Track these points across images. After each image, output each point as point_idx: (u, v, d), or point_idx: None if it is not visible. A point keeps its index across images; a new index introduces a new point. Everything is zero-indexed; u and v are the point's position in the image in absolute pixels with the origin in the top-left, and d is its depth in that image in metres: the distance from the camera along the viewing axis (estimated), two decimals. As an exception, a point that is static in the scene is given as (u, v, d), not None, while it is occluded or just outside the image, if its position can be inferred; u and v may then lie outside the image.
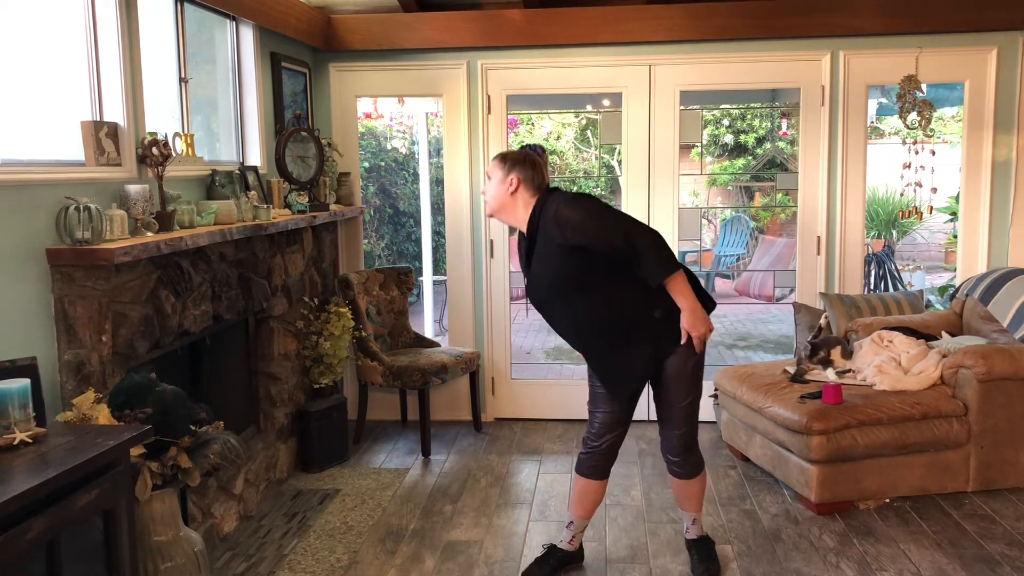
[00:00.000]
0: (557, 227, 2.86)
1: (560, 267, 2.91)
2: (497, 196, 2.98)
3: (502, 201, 2.98)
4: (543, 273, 2.97)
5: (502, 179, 2.97)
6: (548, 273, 2.95)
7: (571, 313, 2.99)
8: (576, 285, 2.92)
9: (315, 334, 4.49)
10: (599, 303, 2.95)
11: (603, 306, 2.95)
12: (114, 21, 3.10)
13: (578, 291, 2.94)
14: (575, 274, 2.90)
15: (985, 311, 4.35)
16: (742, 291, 9.40)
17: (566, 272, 2.91)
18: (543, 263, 2.95)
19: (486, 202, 3.05)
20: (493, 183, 2.99)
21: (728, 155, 11.54)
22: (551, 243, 2.90)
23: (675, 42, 4.88)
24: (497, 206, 3.00)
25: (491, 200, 3.01)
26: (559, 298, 2.98)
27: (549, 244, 2.91)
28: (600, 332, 2.99)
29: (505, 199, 2.98)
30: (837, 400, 3.77)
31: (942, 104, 6.59)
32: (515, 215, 2.99)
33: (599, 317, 2.97)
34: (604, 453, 3.18)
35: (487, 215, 3.02)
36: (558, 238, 2.87)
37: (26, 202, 2.62)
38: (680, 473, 3.17)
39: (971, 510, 3.74)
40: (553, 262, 2.92)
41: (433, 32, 4.93)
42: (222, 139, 4.19)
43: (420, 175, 7.42)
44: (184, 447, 2.61)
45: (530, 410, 5.23)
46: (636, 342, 2.98)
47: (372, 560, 3.41)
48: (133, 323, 2.97)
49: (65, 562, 2.00)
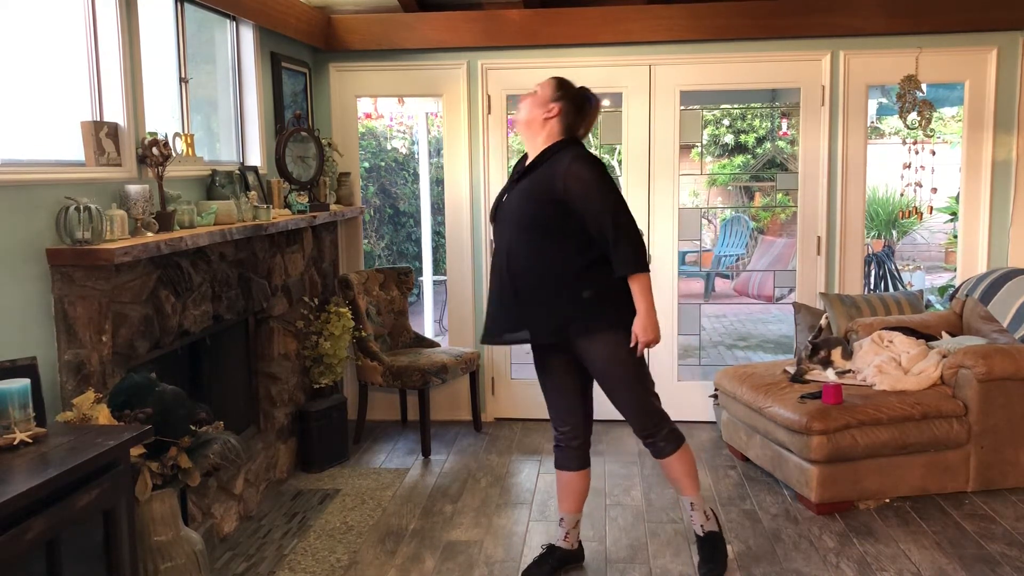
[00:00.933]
0: (562, 177, 2.90)
1: (536, 208, 2.95)
2: (532, 114, 3.00)
3: (534, 121, 3.01)
4: (518, 204, 3.00)
5: (546, 101, 3.00)
6: (523, 206, 2.98)
7: (520, 249, 3.00)
8: (537, 228, 2.96)
9: (315, 334, 4.49)
10: (547, 252, 2.96)
11: (548, 256, 2.96)
12: (114, 21, 3.10)
13: (536, 233, 2.96)
14: (543, 220, 2.94)
15: (985, 311, 4.35)
16: (742, 291, 9.39)
17: (539, 214, 2.94)
18: (524, 196, 2.99)
19: (518, 111, 3.03)
20: (536, 100, 3.00)
21: (728, 155, 11.54)
22: (542, 185, 2.94)
23: (675, 42, 4.88)
24: (526, 121, 3.02)
25: (524, 115, 3.01)
26: (516, 230, 3.00)
27: (540, 185, 2.95)
28: (531, 276, 2.98)
29: (537, 121, 3.01)
30: (837, 400, 3.77)
31: (942, 104, 6.59)
32: (534, 140, 3.02)
33: (539, 263, 2.97)
34: (570, 441, 3.19)
35: (512, 125, 3.02)
36: (557, 186, 2.90)
37: (26, 202, 2.62)
38: (654, 452, 3.17)
39: (971, 510, 3.74)
40: (533, 201, 2.96)
41: (433, 32, 4.93)
42: (222, 139, 4.19)
43: (420, 175, 7.42)
44: (184, 447, 2.61)
45: (530, 410, 5.23)
46: (557, 303, 2.98)
47: (372, 560, 3.41)
48: (133, 323, 2.97)
49: (65, 562, 2.00)
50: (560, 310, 2.99)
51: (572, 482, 3.24)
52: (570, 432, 3.19)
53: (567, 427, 3.19)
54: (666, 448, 3.14)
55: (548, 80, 3.06)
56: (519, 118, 3.06)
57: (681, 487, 3.21)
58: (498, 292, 3.08)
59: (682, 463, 3.16)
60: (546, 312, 3.00)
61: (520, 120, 3.05)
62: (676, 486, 3.24)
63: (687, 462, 3.16)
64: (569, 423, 3.19)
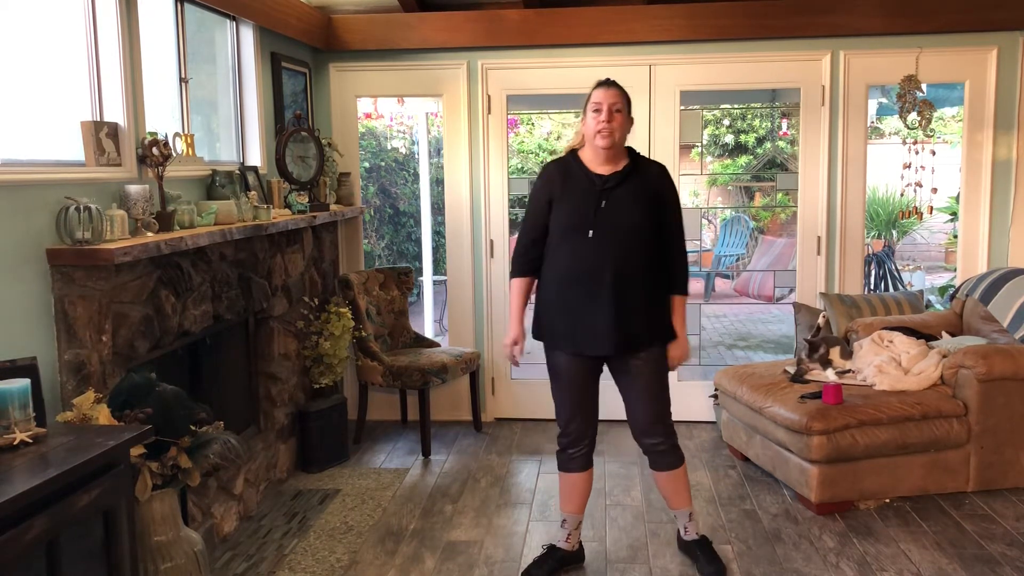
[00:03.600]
0: (663, 178, 3.08)
1: (646, 211, 3.01)
2: (623, 129, 3.03)
3: (625, 135, 3.06)
4: (629, 210, 3.00)
5: (628, 115, 3.05)
6: (632, 212, 3.00)
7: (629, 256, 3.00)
8: (646, 234, 3.02)
9: (315, 334, 4.49)
10: (652, 259, 3.04)
11: (652, 263, 3.04)
12: (114, 21, 3.10)
13: (645, 239, 3.02)
14: (650, 226, 3.02)
15: (985, 311, 4.35)
16: (742, 291, 9.39)
17: (647, 221, 3.01)
18: (633, 199, 3.01)
19: (611, 130, 2.98)
20: (622, 115, 3.01)
21: (729, 155, 11.54)
22: (646, 187, 3.04)
23: (675, 42, 4.88)
24: (621, 138, 3.04)
25: (619, 131, 3.01)
26: (626, 236, 2.99)
27: (644, 187, 3.03)
28: (640, 282, 3.01)
29: (626, 134, 3.06)
30: (837, 400, 3.77)
31: (942, 104, 6.58)
32: (621, 151, 3.07)
33: (647, 270, 3.03)
34: (580, 445, 3.20)
35: (606, 143, 2.98)
36: (658, 190, 3.05)
37: (26, 202, 2.62)
38: (665, 463, 3.19)
39: (971, 510, 3.74)
40: (643, 204, 3.02)
41: (433, 32, 4.93)
42: (222, 139, 4.19)
43: (420, 175, 7.42)
44: (184, 447, 2.61)
45: (530, 410, 5.23)
46: (652, 312, 3.07)
47: (372, 560, 3.41)
48: (133, 323, 2.97)
49: (65, 562, 2.00)
50: (653, 318, 3.07)
51: (577, 483, 3.25)
52: (581, 436, 3.20)
53: (581, 432, 3.19)
54: (676, 459, 3.21)
55: (623, 94, 3.05)
56: (617, 139, 3.00)
57: (683, 499, 3.26)
58: (585, 301, 3.01)
59: (686, 475, 3.26)
60: (644, 321, 3.04)
61: (619, 139, 3.02)
62: (677, 498, 3.27)
63: (686, 473, 3.28)
64: (584, 429, 3.19)
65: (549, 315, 3.11)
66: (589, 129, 3.03)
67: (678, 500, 3.27)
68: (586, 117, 3.06)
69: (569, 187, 3.06)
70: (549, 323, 3.12)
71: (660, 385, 3.13)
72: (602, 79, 3.12)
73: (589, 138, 3.04)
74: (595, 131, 2.99)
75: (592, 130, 3.00)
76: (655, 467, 3.23)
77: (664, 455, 3.19)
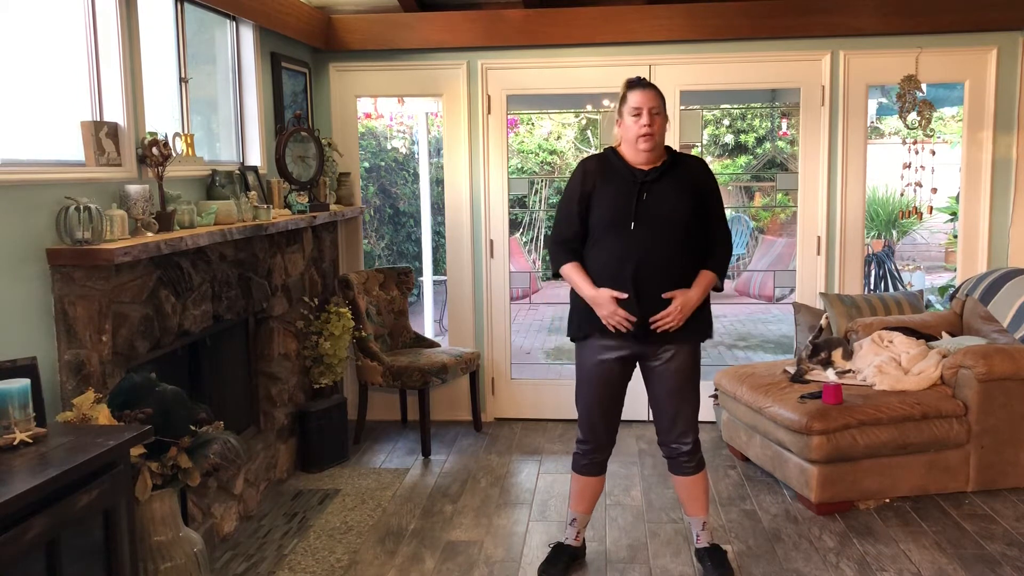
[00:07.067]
0: (703, 171, 3.11)
1: (688, 203, 3.01)
2: (663, 130, 3.05)
3: (664, 134, 3.08)
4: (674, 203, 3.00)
5: (665, 114, 3.06)
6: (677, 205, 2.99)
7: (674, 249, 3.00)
8: (689, 226, 3.01)
9: (315, 334, 4.49)
10: (695, 251, 3.04)
11: (695, 256, 3.04)
12: (114, 21, 3.10)
13: (688, 232, 3.01)
14: (693, 219, 3.02)
15: (985, 311, 4.35)
16: (742, 291, 9.39)
17: (691, 214, 3.01)
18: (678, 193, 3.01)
19: (651, 133, 2.98)
20: (661, 117, 3.02)
21: (729, 155, 11.54)
22: (687, 180, 3.04)
23: (675, 42, 4.88)
24: (662, 140, 3.06)
25: (659, 132, 3.02)
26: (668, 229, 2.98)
27: (684, 181, 3.04)
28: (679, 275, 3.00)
29: (665, 132, 3.08)
30: (837, 400, 3.77)
31: (942, 104, 6.58)
32: (661, 149, 3.08)
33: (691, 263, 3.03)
34: (597, 450, 3.20)
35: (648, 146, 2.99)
36: (701, 181, 3.07)
37: (26, 202, 2.62)
38: (691, 466, 3.17)
39: (971, 510, 3.74)
40: (685, 197, 3.01)
41: (433, 32, 4.93)
42: (222, 139, 4.19)
43: (420, 175, 7.42)
44: (184, 447, 2.61)
45: (530, 410, 5.24)
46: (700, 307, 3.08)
47: (372, 560, 3.41)
48: (133, 323, 2.97)
49: (65, 562, 2.00)
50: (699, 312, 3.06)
51: (591, 485, 3.26)
52: (602, 443, 3.20)
53: (602, 439, 3.19)
54: (699, 463, 3.20)
55: (658, 96, 3.03)
56: (658, 140, 3.02)
57: (700, 506, 3.23)
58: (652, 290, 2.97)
59: (706, 480, 3.25)
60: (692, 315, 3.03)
61: (659, 141, 3.03)
62: (695, 504, 3.24)
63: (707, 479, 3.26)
64: (606, 436, 3.19)
65: (587, 310, 3.07)
66: (630, 132, 3.02)
67: (695, 507, 3.23)
68: (623, 119, 3.05)
69: (609, 180, 3.06)
70: (587, 317, 3.07)
71: (691, 386, 3.11)
72: (632, 78, 3.11)
73: (630, 141, 3.03)
74: (637, 135, 2.99)
75: (634, 134, 3.00)
76: (677, 471, 3.21)
77: (687, 459, 3.16)
